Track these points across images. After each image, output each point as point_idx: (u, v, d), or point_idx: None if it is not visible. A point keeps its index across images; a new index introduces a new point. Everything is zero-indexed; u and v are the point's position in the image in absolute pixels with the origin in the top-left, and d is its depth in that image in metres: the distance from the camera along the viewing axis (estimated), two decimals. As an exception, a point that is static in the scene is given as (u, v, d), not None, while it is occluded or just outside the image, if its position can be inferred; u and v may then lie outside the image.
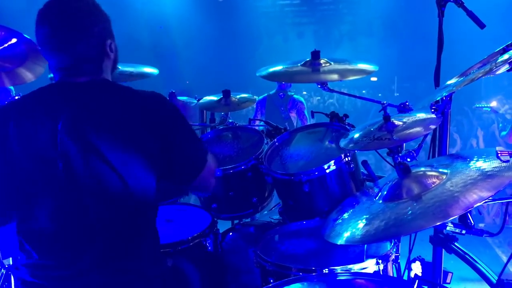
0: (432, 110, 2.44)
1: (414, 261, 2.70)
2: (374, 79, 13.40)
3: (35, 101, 1.69)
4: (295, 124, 6.19)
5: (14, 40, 2.78)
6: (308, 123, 6.26)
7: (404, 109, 2.61)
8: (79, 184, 1.60)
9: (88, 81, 1.70)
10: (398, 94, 14.38)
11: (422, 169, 1.90)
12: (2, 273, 2.63)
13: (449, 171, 1.83)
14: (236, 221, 2.92)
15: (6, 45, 2.75)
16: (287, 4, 14.04)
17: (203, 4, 12.61)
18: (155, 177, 1.72)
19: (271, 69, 2.83)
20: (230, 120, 3.25)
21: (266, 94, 6.38)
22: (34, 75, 2.79)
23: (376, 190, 2.04)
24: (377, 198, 1.90)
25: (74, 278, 1.61)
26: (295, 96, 6.35)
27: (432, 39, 2.60)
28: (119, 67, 3.10)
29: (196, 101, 3.29)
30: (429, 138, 2.54)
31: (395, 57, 13.02)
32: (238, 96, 3.20)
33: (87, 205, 1.62)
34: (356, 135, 2.34)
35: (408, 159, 2.41)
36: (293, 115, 6.31)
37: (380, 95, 14.01)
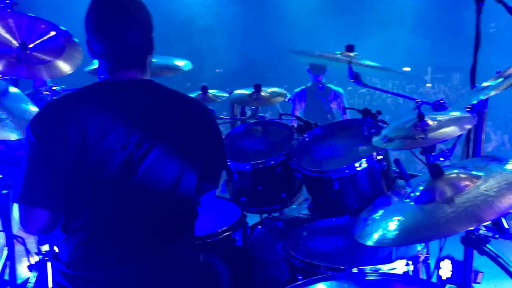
0: (468, 109, 2.39)
1: (443, 259, 2.67)
2: (407, 69, 13.19)
3: (93, 98, 1.71)
4: (335, 116, 6.09)
5: (53, 33, 2.84)
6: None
7: (439, 107, 2.56)
8: (136, 181, 1.67)
9: (139, 81, 1.76)
10: (431, 84, 14.09)
11: (456, 171, 1.87)
12: (41, 259, 2.73)
13: (483, 173, 1.80)
14: (264, 215, 2.94)
15: (45, 38, 2.82)
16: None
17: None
18: (197, 178, 1.84)
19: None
20: (261, 114, 3.26)
21: (304, 87, 6.14)
22: (71, 67, 2.85)
23: (408, 190, 2.02)
24: (409, 200, 1.89)
25: (115, 266, 1.68)
26: (334, 87, 6.14)
27: (467, 30, 2.54)
28: (154, 59, 3.15)
29: (227, 94, 3.31)
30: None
31: (428, 47, 12.73)
32: (269, 90, 3.20)
33: (140, 200, 1.70)
34: (389, 133, 2.32)
35: (441, 159, 2.39)
36: (333, 106, 6.15)
37: (412, 85, 13.76)
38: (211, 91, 3.31)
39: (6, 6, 3.15)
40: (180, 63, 3.15)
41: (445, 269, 2.65)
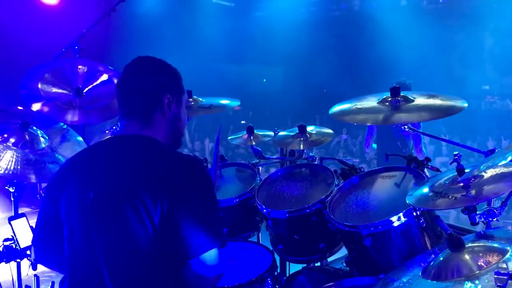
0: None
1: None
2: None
3: (78, 158, 1.84)
4: (410, 145, 5.67)
5: (105, 77, 2.99)
6: (422, 147, 5.69)
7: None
8: (97, 242, 1.68)
9: (132, 135, 1.80)
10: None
11: (482, 244, 1.61)
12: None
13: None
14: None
15: (98, 82, 2.98)
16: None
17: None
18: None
19: (340, 107, 2.62)
20: (311, 154, 3.11)
21: None
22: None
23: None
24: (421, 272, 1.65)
25: None
26: None
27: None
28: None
29: (273, 134, 3.22)
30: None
31: None
32: (314, 131, 3.05)
33: (102, 263, 1.67)
34: (425, 189, 2.08)
35: (491, 219, 2.07)
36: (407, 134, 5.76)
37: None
38: (258, 131, 3.25)
39: (75, 52, 3.41)
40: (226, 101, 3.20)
41: None
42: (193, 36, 11.35)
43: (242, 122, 12.61)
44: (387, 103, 2.54)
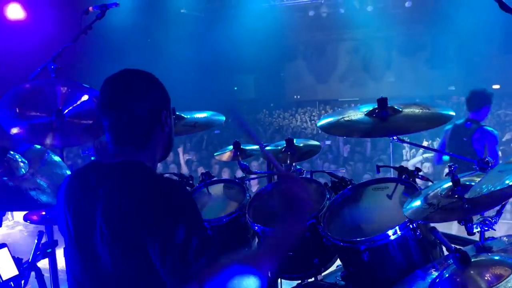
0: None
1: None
2: (496, 86, 12.25)
3: (78, 178, 1.82)
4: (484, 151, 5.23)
5: (85, 97, 2.89)
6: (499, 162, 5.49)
7: (483, 165, 2.27)
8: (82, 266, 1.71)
9: (121, 161, 1.73)
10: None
11: (484, 257, 1.61)
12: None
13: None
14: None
15: (78, 103, 2.88)
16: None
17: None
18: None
19: (327, 120, 2.61)
20: (298, 167, 3.10)
21: (453, 123, 5.39)
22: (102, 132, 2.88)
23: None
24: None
25: None
26: (485, 127, 5.31)
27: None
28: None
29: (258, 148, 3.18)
30: None
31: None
32: (302, 144, 3.03)
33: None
34: (419, 201, 2.08)
35: (486, 228, 2.09)
36: (479, 148, 5.30)
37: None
38: (244, 146, 3.21)
39: (51, 72, 3.29)
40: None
41: None
42: (164, 47, 11.25)
43: (216, 131, 12.55)
44: (374, 115, 2.55)
